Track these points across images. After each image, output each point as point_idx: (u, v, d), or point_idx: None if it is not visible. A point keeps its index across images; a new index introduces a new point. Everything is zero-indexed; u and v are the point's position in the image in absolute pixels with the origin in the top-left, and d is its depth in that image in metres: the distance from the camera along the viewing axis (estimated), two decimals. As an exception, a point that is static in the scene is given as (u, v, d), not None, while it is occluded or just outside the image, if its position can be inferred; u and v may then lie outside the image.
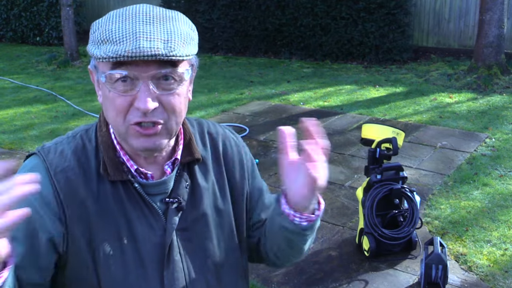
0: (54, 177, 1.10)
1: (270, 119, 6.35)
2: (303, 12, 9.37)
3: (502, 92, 7.11)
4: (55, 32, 11.61)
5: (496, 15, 7.50)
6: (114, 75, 1.02)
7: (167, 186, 1.15)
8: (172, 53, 1.00)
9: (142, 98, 1.02)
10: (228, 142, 1.28)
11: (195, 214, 1.17)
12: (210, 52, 10.29)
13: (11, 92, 8.05)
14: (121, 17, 1.03)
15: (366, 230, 3.41)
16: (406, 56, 9.05)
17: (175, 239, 1.14)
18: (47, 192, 1.09)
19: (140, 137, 1.06)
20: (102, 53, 1.00)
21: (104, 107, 1.10)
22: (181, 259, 1.14)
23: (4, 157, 5.44)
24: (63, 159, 1.12)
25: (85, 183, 1.11)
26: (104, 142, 1.13)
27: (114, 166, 1.11)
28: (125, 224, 1.11)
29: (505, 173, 4.68)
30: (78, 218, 1.09)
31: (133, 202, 1.12)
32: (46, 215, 1.09)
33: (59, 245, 1.09)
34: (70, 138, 1.17)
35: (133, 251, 1.11)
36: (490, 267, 3.38)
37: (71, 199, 1.09)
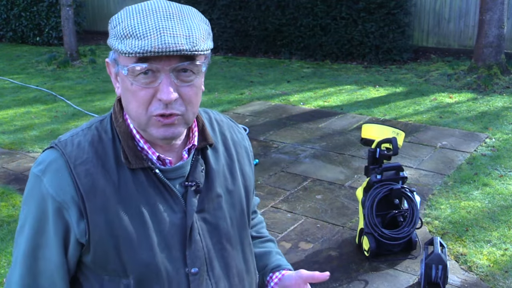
0: (74, 171, 1.13)
1: (270, 119, 6.35)
2: (303, 12, 9.37)
3: (502, 92, 7.11)
4: (55, 32, 11.62)
5: (496, 15, 7.50)
6: (137, 68, 1.07)
7: (184, 170, 1.21)
8: (195, 48, 1.06)
9: (164, 90, 1.08)
10: (232, 129, 1.37)
11: (210, 196, 1.24)
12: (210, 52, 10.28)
13: (11, 92, 8.05)
14: (142, 13, 1.08)
15: (366, 230, 3.41)
16: (406, 56, 9.05)
17: (195, 220, 1.20)
18: (68, 186, 1.13)
19: (160, 127, 1.12)
20: (128, 48, 1.05)
21: (124, 99, 1.14)
22: (200, 239, 1.21)
23: (4, 157, 5.44)
24: (81, 151, 1.16)
25: (104, 174, 1.14)
26: (122, 132, 1.18)
27: (134, 155, 1.16)
28: (148, 209, 1.16)
29: (505, 173, 4.68)
30: (99, 208, 1.13)
31: (154, 187, 1.17)
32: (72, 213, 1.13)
33: (82, 237, 1.14)
34: (86, 130, 1.20)
35: (157, 234, 1.16)
36: (490, 267, 3.38)
37: (92, 191, 1.13)
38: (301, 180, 4.66)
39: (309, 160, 5.09)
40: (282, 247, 3.65)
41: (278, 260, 1.42)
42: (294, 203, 4.25)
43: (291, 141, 5.61)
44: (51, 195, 1.13)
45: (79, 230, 1.14)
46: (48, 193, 1.13)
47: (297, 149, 5.37)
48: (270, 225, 3.92)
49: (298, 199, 4.32)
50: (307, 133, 5.82)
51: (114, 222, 1.14)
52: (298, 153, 5.27)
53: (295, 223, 3.95)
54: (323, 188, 4.50)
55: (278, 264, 1.41)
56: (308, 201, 4.28)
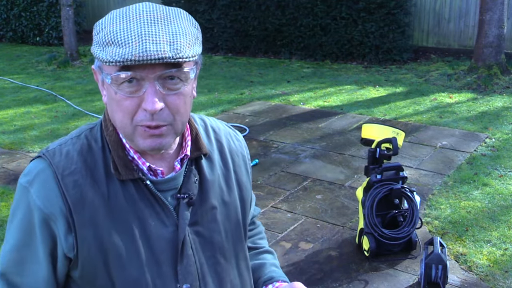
0: (62, 181, 1.09)
1: (270, 119, 6.35)
2: (303, 12, 9.38)
3: (502, 92, 7.11)
4: (55, 32, 11.62)
5: (496, 15, 7.51)
6: (121, 77, 1.03)
7: (177, 182, 1.16)
8: (179, 55, 1.01)
9: (149, 99, 1.03)
10: (230, 137, 1.32)
11: (204, 208, 1.19)
12: (210, 52, 10.29)
13: (11, 92, 8.05)
14: (125, 18, 1.04)
15: (366, 230, 3.41)
16: (406, 56, 9.05)
17: (187, 234, 1.15)
18: (56, 198, 1.09)
19: (147, 137, 1.07)
20: (108, 56, 1.00)
21: (109, 107, 1.10)
22: (193, 254, 1.16)
23: (4, 157, 5.44)
24: (69, 161, 1.11)
25: (93, 185, 1.10)
26: (112, 141, 1.13)
27: (125, 165, 1.11)
28: (138, 223, 1.11)
29: (505, 173, 4.69)
30: (88, 222, 1.09)
31: (145, 200, 1.12)
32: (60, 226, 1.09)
33: (70, 252, 1.10)
34: (75, 138, 1.16)
35: (147, 249, 1.11)
36: (490, 267, 3.38)
37: (80, 203, 1.09)
38: (301, 180, 4.66)
39: (309, 160, 5.09)
40: (282, 247, 3.65)
41: (271, 272, 1.36)
42: (294, 203, 4.25)
43: (291, 141, 5.61)
44: (38, 207, 1.09)
45: (67, 244, 1.09)
46: (36, 205, 1.09)
47: (297, 149, 5.37)
48: (270, 225, 3.92)
49: (298, 199, 4.32)
50: (307, 133, 5.82)
51: (103, 236, 1.09)
52: (298, 153, 5.27)
53: (295, 223, 3.95)
54: (323, 188, 4.50)
55: (271, 276, 1.34)
56: (308, 201, 4.28)
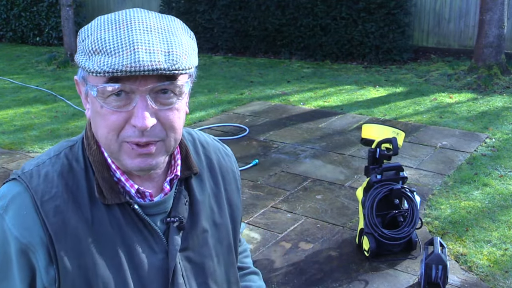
0: (41, 208, 0.98)
1: (270, 119, 6.35)
2: (303, 12, 9.38)
3: (502, 92, 7.11)
4: (55, 32, 11.62)
5: (496, 15, 7.50)
6: (108, 89, 0.92)
7: (167, 205, 1.07)
8: (175, 67, 0.90)
9: (139, 115, 0.92)
10: (219, 152, 1.23)
11: (194, 232, 1.11)
12: (210, 52, 10.29)
13: (11, 92, 8.05)
14: (115, 24, 0.93)
15: (366, 230, 3.41)
16: (406, 56, 9.05)
17: (178, 260, 1.07)
18: (35, 226, 0.98)
19: (135, 157, 0.97)
20: (95, 66, 0.89)
21: (93, 122, 0.99)
22: (184, 282, 1.08)
23: (4, 157, 5.44)
24: (49, 184, 1.00)
25: (76, 211, 0.99)
26: (96, 161, 1.02)
27: (110, 188, 1.01)
28: (125, 251, 1.02)
29: (505, 173, 4.68)
30: (70, 251, 0.99)
31: (132, 225, 1.03)
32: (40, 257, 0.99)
33: (51, 286, 1.00)
34: (54, 158, 1.04)
35: (135, 279, 1.03)
36: (490, 267, 3.38)
37: (63, 232, 0.98)
38: (301, 180, 4.66)
39: (309, 160, 5.09)
40: (282, 247, 3.65)
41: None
42: (294, 203, 4.25)
43: (291, 141, 5.61)
44: (15, 237, 0.97)
45: (48, 277, 0.98)
46: (12, 234, 0.97)
47: (297, 149, 5.37)
48: (270, 225, 3.92)
49: (298, 199, 4.32)
50: (307, 133, 5.82)
51: (88, 266, 0.99)
52: (298, 153, 5.27)
53: (295, 223, 3.95)
54: (323, 188, 4.50)
55: None
56: (308, 201, 4.28)
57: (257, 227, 3.90)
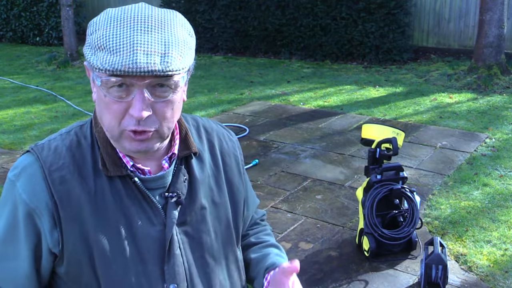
0: (48, 176, 1.09)
1: (270, 119, 6.35)
2: (303, 12, 9.37)
3: (502, 92, 7.11)
4: (55, 32, 11.61)
5: (496, 15, 7.50)
6: (110, 80, 1.02)
7: (165, 180, 1.15)
8: (169, 69, 1.00)
9: (136, 106, 1.02)
10: (223, 137, 1.30)
11: (193, 208, 1.17)
12: (210, 52, 10.29)
13: (11, 92, 8.05)
14: (119, 21, 1.02)
15: (366, 230, 3.41)
16: (406, 56, 9.05)
17: (175, 233, 1.14)
18: (42, 193, 1.08)
19: (133, 141, 1.07)
20: (98, 63, 1.00)
21: (98, 107, 1.09)
22: (181, 253, 1.14)
23: (4, 157, 5.44)
24: (57, 156, 1.11)
25: (81, 181, 1.10)
26: (102, 138, 1.13)
27: (113, 162, 1.11)
28: (124, 221, 1.10)
29: (505, 173, 4.68)
30: (73, 217, 1.08)
31: (132, 197, 1.11)
32: (45, 221, 1.08)
33: (55, 247, 1.09)
34: (64, 134, 1.16)
35: (132, 247, 1.10)
36: (490, 267, 3.38)
37: (67, 199, 1.08)
38: (301, 180, 4.66)
39: (309, 160, 5.09)
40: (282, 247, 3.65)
41: (274, 259, 1.32)
42: (294, 203, 4.25)
43: (291, 141, 5.61)
44: (24, 201, 1.08)
45: (52, 239, 1.09)
46: (21, 198, 1.08)
47: (297, 149, 5.37)
48: (270, 225, 3.91)
49: (298, 199, 4.32)
50: (307, 133, 5.82)
51: (89, 232, 1.08)
52: (298, 153, 5.27)
53: (295, 223, 3.95)
54: (323, 188, 4.50)
55: (272, 263, 1.31)
56: (308, 201, 4.28)
57: (257, 227, 3.89)
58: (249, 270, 1.34)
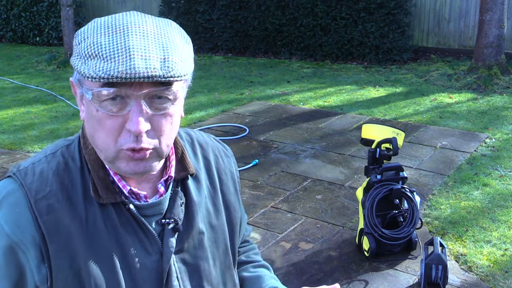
0: (34, 206, 0.98)
1: (270, 119, 6.35)
2: (303, 12, 9.37)
3: (502, 92, 7.11)
4: (55, 32, 11.62)
5: (496, 15, 7.50)
6: (103, 93, 0.92)
7: (162, 206, 1.07)
8: (170, 74, 0.91)
9: (134, 120, 0.92)
10: (218, 153, 1.22)
11: (190, 233, 1.10)
12: (210, 52, 10.29)
13: (11, 92, 8.05)
14: (111, 28, 0.93)
15: (366, 230, 3.41)
16: (406, 56, 9.05)
17: (172, 262, 1.07)
18: (27, 224, 0.97)
19: (130, 161, 0.97)
20: (91, 71, 0.89)
21: (89, 126, 0.98)
22: (178, 284, 1.08)
23: (4, 157, 5.44)
24: (43, 182, 1.00)
25: (70, 210, 0.99)
26: (92, 160, 1.02)
27: (106, 187, 1.01)
28: (119, 251, 1.02)
29: (505, 173, 4.68)
30: (63, 250, 0.98)
31: (127, 225, 1.02)
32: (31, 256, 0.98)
33: (43, 284, 0.99)
34: (50, 156, 1.04)
35: (128, 280, 1.02)
36: (490, 267, 3.38)
37: (55, 231, 0.98)
38: (301, 180, 4.66)
39: (309, 160, 5.09)
40: (282, 247, 3.65)
41: (273, 283, 1.25)
42: (294, 203, 4.25)
43: (291, 141, 5.61)
44: (6, 233, 0.96)
45: (40, 275, 0.98)
46: (3, 231, 0.97)
47: (297, 149, 5.37)
48: (270, 225, 3.92)
49: (298, 199, 4.32)
50: (307, 133, 5.82)
51: (80, 265, 0.99)
52: (298, 153, 5.27)
53: (295, 223, 3.95)
54: (323, 188, 4.50)
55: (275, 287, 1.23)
56: (308, 201, 4.28)
57: (257, 227, 3.90)
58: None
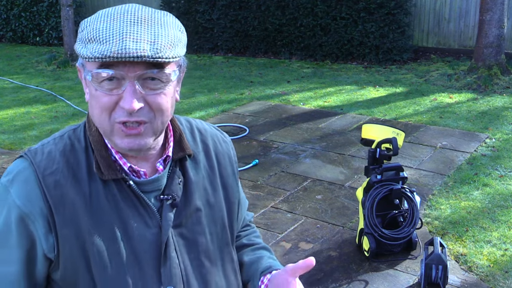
0: (43, 181, 1.08)
1: (270, 119, 6.35)
2: (303, 12, 9.37)
3: (502, 92, 7.11)
4: (55, 32, 11.61)
5: (496, 15, 7.50)
6: (101, 74, 1.03)
7: (160, 183, 1.15)
8: (158, 55, 1.00)
9: (127, 98, 1.03)
10: (216, 138, 1.30)
11: (188, 210, 1.18)
12: (210, 52, 10.29)
13: (11, 92, 8.04)
14: (109, 17, 1.04)
15: (366, 230, 3.41)
16: (406, 56, 9.05)
17: (171, 236, 1.14)
18: (36, 198, 1.07)
19: (124, 137, 1.06)
20: (88, 52, 1.00)
21: (90, 105, 1.09)
22: (176, 255, 1.15)
23: (4, 157, 5.44)
24: (51, 160, 1.11)
25: (75, 185, 1.09)
26: (95, 141, 1.12)
27: (107, 165, 1.10)
28: (120, 224, 1.10)
29: (505, 173, 4.68)
30: (69, 221, 1.07)
31: (127, 200, 1.11)
32: (39, 226, 1.08)
33: (50, 252, 1.09)
34: (57, 138, 1.16)
35: (128, 250, 1.10)
36: (490, 267, 3.38)
37: (61, 204, 1.07)
38: (301, 180, 4.66)
39: (309, 160, 5.09)
40: (282, 247, 3.65)
41: (269, 263, 1.32)
42: (294, 203, 4.25)
43: (291, 141, 5.61)
44: (17, 206, 1.07)
45: (48, 244, 1.08)
46: (15, 204, 1.07)
47: (297, 149, 5.37)
48: (270, 225, 3.92)
49: (298, 199, 4.32)
50: (307, 133, 5.82)
51: (84, 236, 1.08)
52: (298, 153, 5.27)
53: (295, 223, 3.95)
54: (323, 188, 4.50)
55: (268, 266, 1.30)
56: (308, 201, 4.28)
57: (257, 227, 3.88)
58: (243, 272, 1.34)
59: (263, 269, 1.30)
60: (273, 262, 1.34)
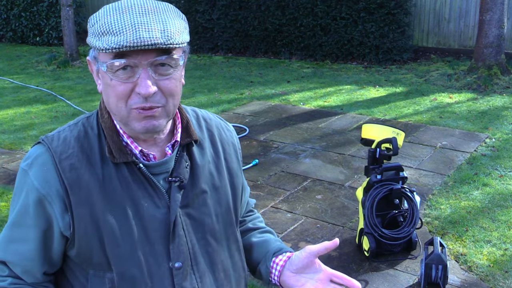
0: (59, 164, 1.16)
1: (270, 119, 6.35)
2: (303, 12, 9.37)
3: (502, 92, 7.11)
4: (55, 32, 11.62)
5: (496, 15, 7.50)
6: (115, 64, 1.10)
7: (168, 166, 1.23)
8: (170, 41, 1.08)
9: (143, 84, 1.10)
10: (221, 127, 1.39)
11: (194, 192, 1.25)
12: (210, 52, 10.29)
13: (11, 92, 8.04)
14: (118, 10, 1.11)
15: (366, 230, 3.41)
16: (406, 56, 9.05)
17: (178, 215, 1.22)
18: (53, 180, 1.16)
19: (141, 120, 1.14)
20: (104, 44, 1.08)
21: (105, 94, 1.17)
22: (184, 234, 1.22)
23: (4, 157, 5.44)
24: (66, 146, 1.19)
25: (89, 168, 1.17)
26: (107, 127, 1.20)
27: (119, 149, 1.18)
28: (131, 204, 1.18)
29: (505, 173, 4.68)
30: (83, 202, 1.16)
31: (138, 182, 1.19)
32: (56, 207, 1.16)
33: (66, 230, 1.17)
34: (72, 126, 1.24)
35: (140, 229, 1.18)
36: (490, 267, 3.38)
37: (76, 185, 1.16)
38: (301, 180, 4.66)
39: (309, 160, 5.09)
40: (282, 247, 3.65)
41: (278, 245, 1.40)
42: (294, 203, 4.25)
43: (291, 141, 5.61)
44: (35, 188, 1.16)
45: (64, 223, 1.17)
46: (33, 186, 1.16)
47: (297, 149, 5.37)
48: (270, 225, 3.92)
49: (298, 199, 4.32)
50: (307, 133, 5.82)
51: (98, 215, 1.16)
52: (298, 153, 5.27)
53: (295, 223, 3.95)
54: (323, 188, 4.50)
55: (279, 248, 1.38)
56: (308, 201, 4.28)
57: (257, 227, 3.90)
58: (252, 253, 1.42)
59: (275, 250, 1.38)
60: (282, 244, 1.41)
